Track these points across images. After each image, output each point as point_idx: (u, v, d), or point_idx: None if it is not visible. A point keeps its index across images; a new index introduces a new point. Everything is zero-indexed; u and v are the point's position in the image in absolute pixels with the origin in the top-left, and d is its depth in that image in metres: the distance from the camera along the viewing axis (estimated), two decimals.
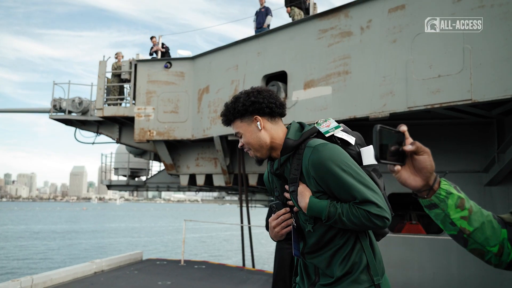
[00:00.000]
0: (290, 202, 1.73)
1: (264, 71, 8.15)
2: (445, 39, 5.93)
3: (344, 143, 1.73)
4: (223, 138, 9.02)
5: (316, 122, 1.80)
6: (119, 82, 10.68)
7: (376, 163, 1.72)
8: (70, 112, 11.10)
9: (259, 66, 8.27)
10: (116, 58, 10.84)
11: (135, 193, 14.90)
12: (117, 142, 11.15)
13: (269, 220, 1.79)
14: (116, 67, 10.66)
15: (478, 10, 5.67)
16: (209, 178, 10.26)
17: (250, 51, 8.49)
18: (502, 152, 6.79)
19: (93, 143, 11.62)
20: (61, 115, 11.15)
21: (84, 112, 11.08)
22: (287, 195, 1.73)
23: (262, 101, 1.70)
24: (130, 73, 10.38)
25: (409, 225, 8.44)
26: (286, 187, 1.73)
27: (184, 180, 10.35)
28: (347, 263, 1.63)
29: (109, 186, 14.81)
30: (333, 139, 1.73)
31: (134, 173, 15.05)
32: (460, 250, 7.38)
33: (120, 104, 10.62)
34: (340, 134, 1.74)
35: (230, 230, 39.14)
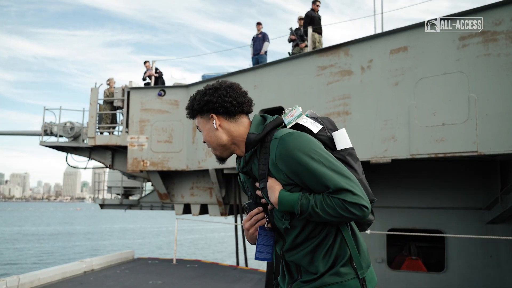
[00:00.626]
0: (263, 200, 1.59)
1: (260, 105, 7.90)
2: (449, 86, 5.73)
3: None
4: (219, 171, 8.76)
5: (283, 112, 1.66)
6: (111, 109, 10.39)
7: (351, 146, 1.62)
8: (61, 136, 10.81)
9: (255, 100, 7.90)
10: (108, 84, 10.53)
11: None
12: (110, 168, 10.86)
13: (243, 222, 1.66)
14: (108, 94, 10.35)
15: (484, 58, 5.47)
16: (204, 207, 10.02)
17: (246, 83, 8.21)
18: (506, 194, 6.63)
19: (85, 168, 11.33)
20: (52, 140, 10.84)
21: (76, 137, 10.78)
22: (259, 192, 1.59)
23: (215, 101, 1.57)
24: (122, 100, 10.09)
25: (409, 261, 8.23)
26: (257, 184, 1.59)
27: (178, 210, 10.09)
28: (330, 257, 1.51)
29: (102, 206, 14.49)
30: (301, 127, 1.59)
31: (127, 192, 14.73)
32: None
33: (113, 132, 10.32)
34: (303, 121, 1.60)
35: (225, 231, 39.01)
